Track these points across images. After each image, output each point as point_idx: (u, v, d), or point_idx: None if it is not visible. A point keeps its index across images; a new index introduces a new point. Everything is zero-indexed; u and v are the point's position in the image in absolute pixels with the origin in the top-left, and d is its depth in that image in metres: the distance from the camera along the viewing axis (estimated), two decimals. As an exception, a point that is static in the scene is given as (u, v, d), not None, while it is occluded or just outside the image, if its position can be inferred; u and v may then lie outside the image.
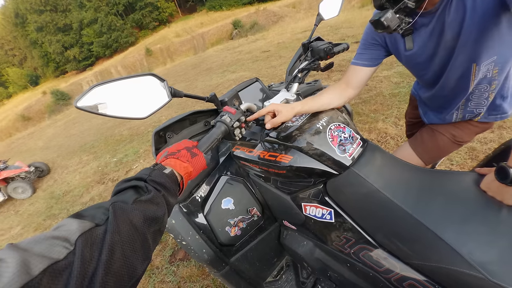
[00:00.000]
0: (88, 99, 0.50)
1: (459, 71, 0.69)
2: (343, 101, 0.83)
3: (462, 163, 1.67)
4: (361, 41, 0.83)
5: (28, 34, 48.38)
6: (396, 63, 3.62)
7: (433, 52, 0.70)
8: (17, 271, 0.22)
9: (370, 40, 0.81)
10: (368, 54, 0.81)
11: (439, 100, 0.85)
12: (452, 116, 0.86)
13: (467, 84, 0.72)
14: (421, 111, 1.01)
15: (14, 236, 2.89)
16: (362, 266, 0.71)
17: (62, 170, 4.51)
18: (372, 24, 0.63)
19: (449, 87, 0.76)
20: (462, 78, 0.71)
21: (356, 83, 0.84)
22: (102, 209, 0.35)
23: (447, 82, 0.75)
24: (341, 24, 7.75)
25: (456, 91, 0.76)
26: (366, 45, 0.82)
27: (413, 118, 1.13)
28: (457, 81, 0.73)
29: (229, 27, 24.68)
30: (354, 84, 0.84)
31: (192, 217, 0.85)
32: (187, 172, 0.50)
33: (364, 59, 0.82)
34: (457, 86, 0.74)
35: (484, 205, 0.54)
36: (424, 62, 0.74)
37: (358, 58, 0.83)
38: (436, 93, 0.82)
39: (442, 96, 0.81)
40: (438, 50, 0.69)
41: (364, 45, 0.82)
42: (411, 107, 1.13)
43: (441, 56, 0.70)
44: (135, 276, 0.32)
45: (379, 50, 0.81)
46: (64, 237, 0.28)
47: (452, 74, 0.71)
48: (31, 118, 28.21)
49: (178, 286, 1.52)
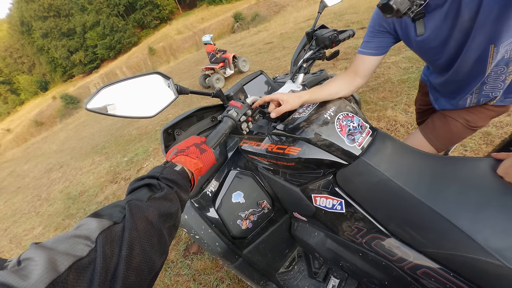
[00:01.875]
0: (97, 101, 0.51)
1: (475, 53, 0.65)
2: (351, 90, 0.81)
3: (477, 149, 1.62)
4: (368, 28, 0.79)
5: (35, 41, 49.47)
6: (404, 47, 3.48)
7: (448, 35, 0.66)
8: (45, 268, 0.24)
9: (377, 28, 0.77)
10: (376, 42, 0.78)
11: (452, 85, 0.82)
12: (466, 101, 0.82)
13: (484, 67, 0.68)
14: (431, 98, 0.97)
15: (37, 236, 3.04)
16: (374, 255, 0.71)
17: (77, 172, 4.67)
18: (380, 8, 0.60)
19: (464, 71, 0.72)
20: (479, 61, 0.67)
21: (364, 71, 0.81)
22: (119, 208, 0.36)
23: (462, 66, 0.71)
24: (345, 10, 7.50)
25: (472, 75, 0.72)
26: (373, 32, 0.78)
27: (424, 105, 1.09)
28: (473, 65, 0.69)
29: (230, 21, 24.35)
30: (362, 73, 0.82)
31: (204, 211, 0.86)
32: (197, 168, 0.50)
33: (371, 48, 0.79)
34: (473, 69, 0.70)
35: (502, 191, 0.52)
36: (438, 47, 0.70)
37: (364, 46, 0.80)
38: (449, 78, 0.78)
39: (456, 81, 0.78)
40: (454, 32, 0.64)
41: (372, 32, 0.78)
42: (421, 94, 1.09)
43: (456, 39, 0.65)
44: (154, 270, 0.34)
45: (387, 37, 0.77)
46: (85, 236, 0.29)
47: (468, 57, 0.67)
48: (43, 123, 29.18)
49: (193, 278, 1.57)
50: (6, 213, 4.25)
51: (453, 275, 0.54)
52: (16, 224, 3.64)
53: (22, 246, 2.95)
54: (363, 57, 0.81)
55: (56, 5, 43.95)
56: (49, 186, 4.63)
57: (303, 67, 0.92)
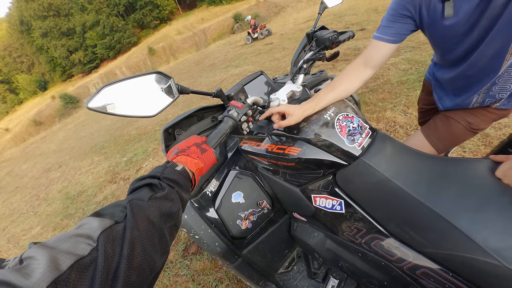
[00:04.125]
0: (98, 100, 0.51)
1: (494, 48, 0.62)
2: (359, 84, 0.76)
3: (475, 150, 1.62)
4: (389, 11, 0.72)
5: (34, 40, 49.37)
6: (404, 49, 3.50)
7: (476, 21, 0.61)
8: (47, 267, 0.24)
9: (400, 11, 0.69)
10: (397, 27, 0.71)
11: (461, 82, 0.78)
12: (472, 100, 0.80)
13: (499, 65, 0.65)
14: (436, 97, 0.96)
15: (35, 236, 3.03)
16: (373, 255, 0.71)
17: (75, 171, 4.65)
18: None
19: (478, 67, 0.69)
20: (496, 57, 0.64)
21: (377, 61, 0.75)
22: (120, 207, 0.36)
23: (477, 61, 0.67)
24: (345, 12, 7.53)
25: (485, 72, 0.69)
26: (395, 16, 0.70)
27: (426, 104, 1.09)
28: (488, 60, 0.65)
29: (230, 21, 24.37)
30: (374, 62, 0.75)
31: (204, 211, 0.86)
32: (198, 168, 0.51)
33: (391, 34, 0.72)
34: (487, 66, 0.67)
35: (500, 193, 0.52)
36: (462, 34, 0.65)
37: (383, 32, 0.72)
38: (460, 72, 0.74)
39: (467, 76, 0.74)
40: (482, 19, 0.59)
41: (393, 16, 0.71)
42: (424, 93, 1.08)
43: (481, 27, 0.61)
44: (155, 270, 0.34)
45: (409, 23, 0.71)
46: (87, 235, 0.30)
47: (486, 51, 0.64)
48: (42, 122, 29.08)
49: (192, 279, 1.57)
50: (4, 213, 4.23)
51: (452, 275, 0.54)
52: (14, 224, 3.62)
53: (20, 246, 2.94)
54: (378, 43, 0.74)
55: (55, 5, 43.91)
56: (48, 186, 4.62)
57: (303, 67, 0.93)
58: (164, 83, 0.62)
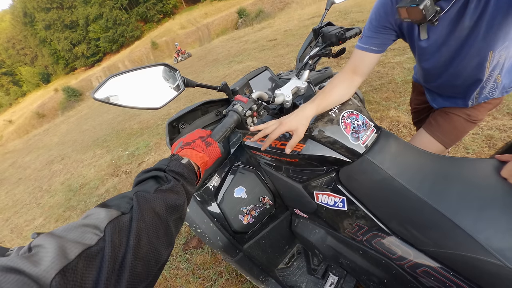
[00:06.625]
0: (104, 91, 0.51)
1: (475, 60, 0.67)
2: (352, 91, 0.78)
3: (479, 151, 1.61)
4: (372, 22, 0.75)
5: (37, 32, 49.31)
6: (409, 48, 3.44)
7: (444, 41, 0.67)
8: (56, 255, 0.24)
9: (383, 23, 0.73)
10: (380, 38, 0.74)
11: (450, 90, 0.83)
12: (468, 103, 0.84)
13: (482, 73, 0.70)
14: (428, 97, 0.97)
15: (38, 226, 3.07)
16: (374, 253, 0.71)
17: (78, 164, 4.69)
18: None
19: (462, 77, 0.74)
20: (477, 67, 0.69)
21: (364, 69, 0.78)
22: (126, 199, 0.36)
23: (460, 72, 0.73)
24: (351, 9, 7.42)
25: (470, 81, 0.74)
26: (378, 28, 0.74)
27: (419, 104, 1.10)
28: (471, 71, 0.71)
29: (234, 16, 24.17)
30: (361, 71, 0.78)
31: (206, 205, 0.87)
32: (203, 162, 0.51)
33: (374, 44, 0.75)
34: (471, 76, 0.72)
35: (505, 193, 0.52)
36: (438, 53, 0.71)
37: (366, 42, 0.75)
38: (446, 82, 0.79)
39: (455, 86, 0.79)
40: (449, 39, 0.66)
41: (376, 27, 0.74)
42: (415, 94, 1.10)
43: (449, 46, 0.67)
44: (160, 261, 0.34)
45: (391, 34, 0.74)
46: (94, 225, 0.30)
47: (465, 65, 0.69)
48: (45, 115, 29.23)
49: (192, 272, 1.59)
50: (8, 204, 4.28)
51: (453, 274, 0.54)
52: (17, 215, 3.67)
53: (23, 236, 2.98)
54: (363, 54, 0.77)
55: (59, -3, 43.74)
56: (50, 178, 4.66)
57: (309, 63, 0.92)
58: (170, 76, 0.61)
